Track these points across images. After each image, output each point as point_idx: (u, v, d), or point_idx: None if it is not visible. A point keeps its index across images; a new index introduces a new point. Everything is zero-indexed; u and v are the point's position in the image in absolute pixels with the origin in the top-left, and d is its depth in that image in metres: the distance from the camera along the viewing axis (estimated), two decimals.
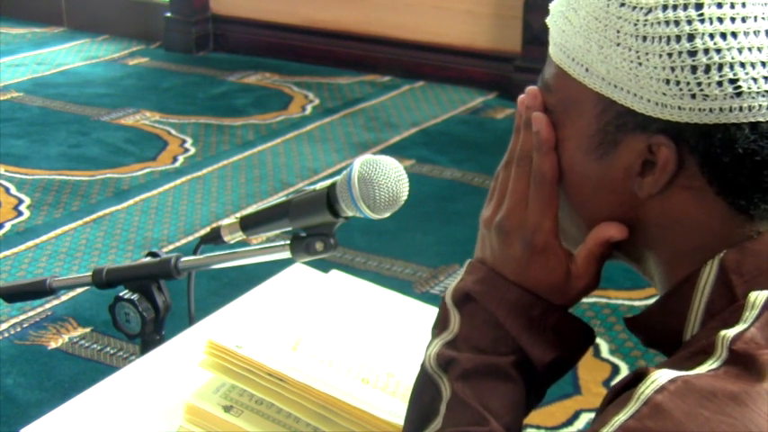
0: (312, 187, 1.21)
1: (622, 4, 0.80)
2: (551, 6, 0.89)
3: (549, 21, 0.89)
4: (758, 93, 0.78)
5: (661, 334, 0.87)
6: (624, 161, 0.83)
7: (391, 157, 1.19)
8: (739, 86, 0.77)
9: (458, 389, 0.88)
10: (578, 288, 0.90)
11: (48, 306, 2.83)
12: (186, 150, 4.03)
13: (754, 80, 0.77)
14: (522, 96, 0.91)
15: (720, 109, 0.78)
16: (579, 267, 0.89)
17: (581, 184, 0.87)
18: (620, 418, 0.73)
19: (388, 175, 1.16)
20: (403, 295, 1.37)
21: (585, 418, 2.34)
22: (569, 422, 2.34)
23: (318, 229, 1.21)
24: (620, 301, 2.82)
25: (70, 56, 5.30)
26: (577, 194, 0.88)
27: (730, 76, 0.77)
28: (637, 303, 2.81)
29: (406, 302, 1.36)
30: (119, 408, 1.17)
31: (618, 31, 0.80)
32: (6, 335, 2.70)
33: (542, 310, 0.89)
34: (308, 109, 4.52)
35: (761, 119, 0.78)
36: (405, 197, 1.18)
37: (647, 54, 0.79)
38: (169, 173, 3.80)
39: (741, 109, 0.78)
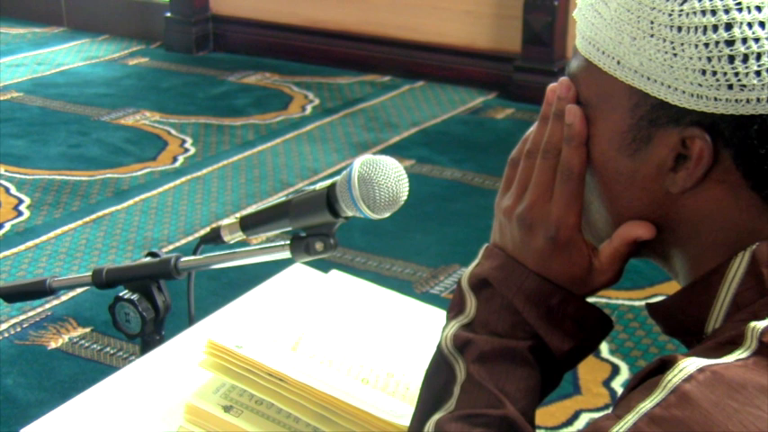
0: (312, 187, 1.21)
1: None
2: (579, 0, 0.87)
3: (576, 14, 0.87)
4: None
5: (682, 323, 0.86)
6: (657, 157, 0.81)
7: (391, 157, 1.19)
8: None
9: (473, 371, 0.86)
10: (600, 282, 0.89)
11: (48, 306, 2.83)
12: (186, 150, 4.03)
13: None
14: (552, 85, 0.88)
15: (758, 99, 0.76)
16: (603, 264, 0.87)
17: (613, 180, 0.85)
18: (646, 405, 0.72)
19: (388, 175, 1.16)
20: (403, 295, 1.37)
21: (585, 417, 2.33)
22: (569, 422, 2.33)
23: (318, 229, 1.21)
24: (620, 302, 2.82)
25: (70, 56, 5.30)
26: (608, 191, 0.86)
27: None
28: (636, 303, 2.81)
29: (406, 302, 1.36)
30: (119, 408, 1.17)
31: (652, 23, 0.78)
32: (6, 335, 2.70)
33: (561, 300, 0.88)
34: (308, 109, 4.52)
35: None
36: (405, 197, 1.18)
37: (682, 45, 0.77)
38: (169, 173, 3.80)
39: None
